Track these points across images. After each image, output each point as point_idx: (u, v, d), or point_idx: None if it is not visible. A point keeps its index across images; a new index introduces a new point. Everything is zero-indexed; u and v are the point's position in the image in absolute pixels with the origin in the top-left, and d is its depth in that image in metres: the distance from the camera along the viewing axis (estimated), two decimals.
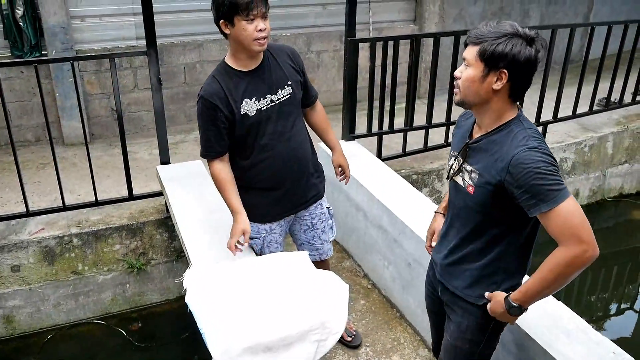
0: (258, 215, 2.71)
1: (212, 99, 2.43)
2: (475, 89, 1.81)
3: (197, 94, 2.50)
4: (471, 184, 1.91)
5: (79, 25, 5.11)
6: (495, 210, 1.88)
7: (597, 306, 4.82)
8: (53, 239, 3.74)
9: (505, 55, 1.74)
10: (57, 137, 5.15)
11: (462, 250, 2.03)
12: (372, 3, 6.07)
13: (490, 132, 1.88)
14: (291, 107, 2.58)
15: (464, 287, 2.05)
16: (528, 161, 1.73)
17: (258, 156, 2.57)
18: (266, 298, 2.24)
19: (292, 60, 2.60)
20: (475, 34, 1.79)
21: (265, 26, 2.34)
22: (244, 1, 2.28)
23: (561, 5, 7.29)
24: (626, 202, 6.00)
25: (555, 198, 1.71)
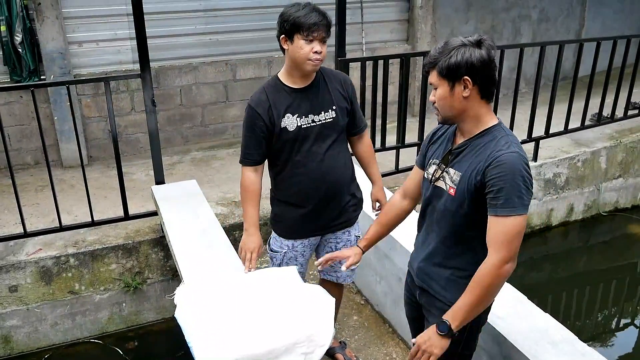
0: (283, 229, 2.79)
1: (257, 108, 2.56)
2: (449, 104, 1.94)
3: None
4: (453, 186, 2.00)
5: (76, 50, 5.23)
6: (473, 212, 1.96)
7: (596, 322, 4.81)
8: (50, 259, 3.79)
9: (459, 64, 1.87)
10: (55, 159, 5.24)
11: (441, 252, 2.12)
12: (365, 24, 6.19)
13: (474, 137, 1.98)
14: (331, 131, 2.64)
15: (441, 289, 2.13)
16: (509, 164, 1.84)
17: (290, 171, 2.65)
18: (253, 312, 2.28)
19: (342, 87, 2.68)
20: (428, 60, 1.94)
21: (321, 49, 2.45)
22: (308, 23, 2.40)
23: (553, 23, 7.40)
24: (622, 216, 6.01)
25: (517, 208, 1.83)
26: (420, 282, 2.21)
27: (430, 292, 2.17)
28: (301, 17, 2.41)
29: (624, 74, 5.36)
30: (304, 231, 2.78)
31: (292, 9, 2.46)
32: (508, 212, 1.83)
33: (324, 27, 2.43)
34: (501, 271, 1.87)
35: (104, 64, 5.33)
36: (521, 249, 1.93)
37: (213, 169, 5.21)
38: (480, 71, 1.88)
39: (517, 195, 1.82)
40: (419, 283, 2.22)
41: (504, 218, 1.85)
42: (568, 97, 5.16)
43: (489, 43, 1.90)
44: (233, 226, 4.14)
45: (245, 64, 5.77)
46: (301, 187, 2.66)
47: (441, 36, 6.56)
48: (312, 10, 2.43)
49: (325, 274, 2.95)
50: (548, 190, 5.41)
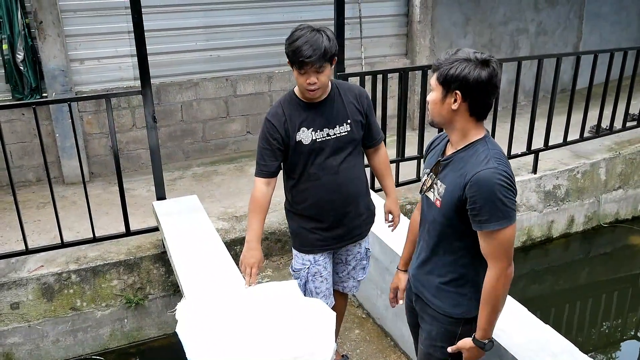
0: (301, 243, 2.81)
1: (273, 120, 2.61)
2: (438, 110, 1.98)
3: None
4: (439, 198, 2.04)
5: (78, 67, 5.28)
6: (459, 224, 2.00)
7: (599, 334, 4.80)
8: (52, 276, 3.80)
9: (455, 78, 1.89)
10: (57, 176, 5.26)
11: (431, 261, 2.16)
12: (364, 39, 6.24)
13: (459, 150, 2.01)
14: (346, 144, 2.67)
15: (432, 296, 2.17)
16: (484, 181, 1.87)
17: (305, 184, 2.68)
18: (254, 327, 2.29)
19: (357, 100, 2.70)
20: (435, 62, 1.97)
21: (316, 80, 2.47)
22: (297, 59, 2.42)
23: (550, 36, 7.45)
24: (622, 227, 6.01)
25: (504, 220, 1.87)
26: (415, 289, 2.27)
27: (423, 299, 2.22)
28: (293, 52, 2.43)
29: (621, 86, 5.39)
30: (322, 244, 2.79)
31: (292, 36, 2.46)
32: (496, 227, 1.88)
33: (317, 60, 2.41)
34: (507, 278, 1.95)
35: (105, 80, 5.38)
36: (522, 261, 1.98)
37: (214, 184, 5.23)
38: (473, 90, 1.89)
39: (499, 209, 1.86)
40: (414, 290, 2.28)
41: (492, 233, 1.90)
42: (566, 109, 5.19)
43: (494, 66, 1.90)
44: (234, 241, 4.15)
45: (246, 79, 5.81)
46: (316, 200, 2.69)
47: (440, 50, 6.61)
48: (305, 42, 2.40)
49: (334, 283, 2.98)
50: (548, 202, 5.42)
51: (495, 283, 1.94)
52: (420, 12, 6.36)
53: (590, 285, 5.49)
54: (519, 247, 5.33)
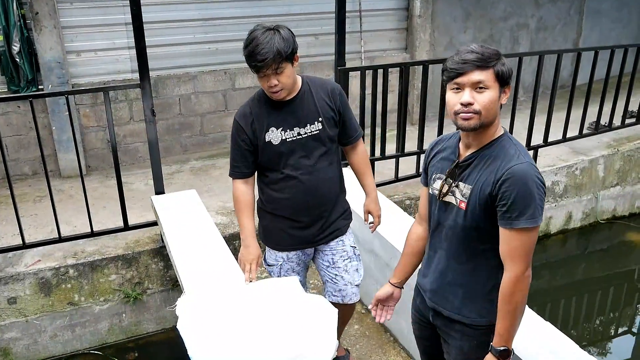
0: (274, 242, 2.77)
1: (240, 121, 2.56)
2: (495, 109, 1.87)
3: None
4: (463, 200, 1.94)
5: (74, 59, 5.22)
6: (486, 224, 1.92)
7: (595, 329, 4.81)
8: (49, 271, 3.76)
9: (510, 72, 1.87)
10: (54, 169, 5.22)
11: (455, 271, 2.05)
12: (364, 33, 6.21)
13: (482, 148, 1.93)
14: (319, 143, 2.61)
15: (458, 309, 2.06)
16: (521, 175, 1.81)
17: (280, 184, 2.63)
18: (255, 324, 2.27)
19: (329, 97, 2.62)
20: (481, 57, 1.82)
21: (276, 82, 2.39)
22: (252, 64, 2.37)
23: (551, 32, 7.43)
24: (620, 224, 6.02)
25: (535, 219, 1.80)
26: (432, 304, 2.14)
27: (445, 315, 2.10)
28: (247, 57, 2.37)
29: (621, 83, 5.38)
30: (295, 243, 2.75)
31: (246, 40, 2.38)
32: (527, 224, 1.80)
33: (272, 61, 2.32)
34: (525, 282, 1.87)
35: (102, 73, 5.33)
36: None
37: (212, 178, 5.20)
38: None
39: (531, 206, 1.79)
40: (431, 305, 2.15)
41: (520, 231, 1.81)
42: (566, 105, 5.18)
43: None
44: (233, 235, 4.13)
45: (244, 72, 5.77)
46: (292, 201, 2.64)
47: (439, 45, 6.59)
48: (257, 45, 2.32)
49: (330, 294, 2.89)
50: (547, 198, 5.41)
51: (514, 287, 1.86)
52: (421, 6, 6.33)
53: (587, 281, 5.51)
54: None
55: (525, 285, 1.88)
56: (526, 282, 1.87)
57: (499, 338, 1.95)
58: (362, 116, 4.30)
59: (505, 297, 1.89)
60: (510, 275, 1.87)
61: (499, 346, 1.95)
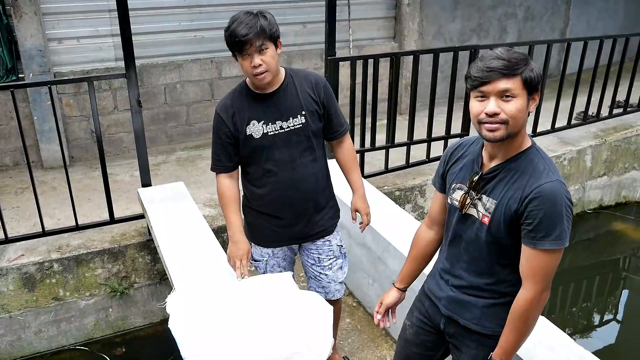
0: (259, 238, 2.70)
1: (221, 113, 2.47)
2: (523, 118, 1.75)
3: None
4: (487, 214, 1.86)
5: (56, 47, 5.09)
6: (509, 241, 1.84)
7: (579, 317, 4.85)
8: (33, 265, 3.67)
9: (538, 78, 1.74)
10: (35, 160, 5.10)
11: (476, 283, 1.97)
12: (352, 21, 6.13)
13: (508, 160, 1.83)
14: (302, 138, 2.52)
15: (478, 319, 1.99)
16: (552, 196, 1.71)
17: (261, 180, 2.55)
18: (250, 321, 2.21)
19: (313, 89, 2.52)
20: (507, 65, 1.70)
21: (259, 61, 2.30)
22: (234, 40, 2.27)
23: (538, 21, 7.42)
24: (606, 213, 6.07)
25: (561, 241, 1.72)
26: (448, 312, 2.05)
27: (460, 323, 2.02)
28: (230, 34, 2.27)
29: (609, 73, 5.39)
30: (279, 239, 2.69)
31: (228, 25, 2.31)
32: (552, 246, 1.72)
33: (256, 37, 2.25)
34: (542, 303, 1.80)
35: (85, 61, 5.20)
36: None
37: (199, 169, 5.11)
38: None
39: (561, 227, 1.71)
40: (447, 313, 2.06)
41: (544, 252, 1.74)
42: (553, 95, 5.18)
43: None
44: (221, 228, 4.06)
45: (231, 61, 5.66)
46: (274, 197, 2.57)
47: (428, 34, 6.55)
48: (240, 23, 2.25)
49: (313, 290, 2.83)
50: None
51: (529, 306, 1.79)
52: None
53: (573, 270, 5.54)
54: None
55: (541, 306, 1.81)
56: (542, 303, 1.80)
57: (501, 350, 1.89)
58: (352, 106, 4.24)
59: (518, 313, 1.82)
60: (527, 294, 1.79)
61: (498, 358, 1.89)
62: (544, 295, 1.78)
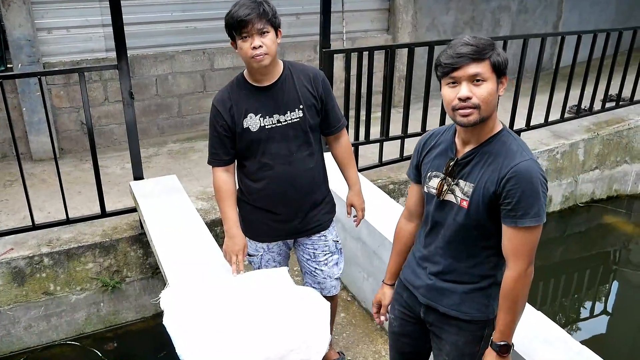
0: (254, 233, 2.67)
1: (218, 106, 2.45)
2: (493, 102, 1.80)
3: None
4: (465, 198, 1.89)
5: (45, 37, 4.99)
6: (488, 222, 1.88)
7: (570, 309, 4.88)
8: (23, 260, 3.61)
9: (506, 61, 1.80)
10: (24, 152, 5.02)
11: (455, 268, 2.00)
12: (346, 13, 6.08)
13: (482, 144, 1.88)
14: (299, 132, 2.49)
15: (457, 305, 2.02)
16: (528, 174, 1.77)
17: (257, 174, 2.53)
18: (245, 319, 2.18)
19: (311, 83, 2.50)
20: (476, 50, 1.76)
21: (260, 43, 2.28)
22: (235, 20, 2.24)
23: (531, 14, 7.41)
24: (597, 207, 6.09)
25: (540, 217, 1.78)
26: (427, 300, 2.08)
27: (440, 311, 2.05)
28: (231, 15, 2.26)
29: (602, 67, 5.38)
30: (275, 234, 2.67)
31: (229, 11, 2.30)
32: (532, 223, 1.77)
33: (258, 19, 2.24)
34: (527, 279, 1.85)
35: (74, 51, 5.11)
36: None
37: (191, 162, 5.06)
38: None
39: (538, 204, 1.76)
40: (425, 301, 2.09)
41: (525, 229, 1.78)
42: (546, 88, 5.17)
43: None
44: (214, 222, 4.02)
45: (224, 52, 5.61)
46: (270, 191, 2.54)
47: (422, 26, 6.51)
48: (242, 5, 2.25)
49: (309, 286, 2.81)
50: None
51: (515, 284, 1.84)
52: None
53: (565, 263, 5.57)
54: None
55: (527, 282, 1.86)
56: (528, 280, 1.85)
57: (499, 334, 1.93)
58: (346, 99, 4.20)
59: (507, 293, 1.86)
60: (512, 273, 1.84)
61: (499, 341, 1.93)
62: (528, 271, 1.84)
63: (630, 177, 6.22)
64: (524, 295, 1.88)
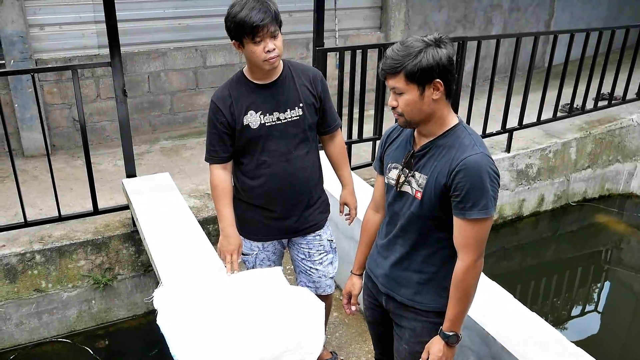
0: (249, 232, 2.67)
1: (218, 103, 2.45)
2: (418, 108, 1.87)
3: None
4: (419, 190, 1.96)
5: (37, 33, 4.97)
6: (441, 214, 1.94)
7: (561, 308, 4.91)
8: (14, 256, 3.60)
9: (432, 67, 1.80)
10: (16, 148, 4.98)
11: (411, 258, 2.07)
12: (338, 10, 6.07)
13: (437, 137, 1.94)
14: (298, 130, 2.51)
15: (412, 295, 2.09)
16: (475, 166, 1.82)
17: (255, 171, 2.53)
18: (240, 319, 2.18)
19: (310, 83, 2.53)
20: (391, 64, 1.83)
21: (274, 46, 2.29)
22: (249, 25, 2.23)
23: (523, 13, 7.43)
24: (589, 206, 6.12)
25: (488, 210, 1.83)
26: (385, 290, 2.16)
27: (398, 300, 2.12)
28: (243, 19, 2.24)
29: (595, 65, 5.40)
30: (270, 233, 2.68)
31: (234, 9, 2.28)
32: (480, 215, 1.83)
33: (271, 22, 2.26)
34: (476, 270, 1.91)
35: (67, 48, 5.09)
36: (493, 239, 1.93)
37: (184, 159, 5.05)
38: (448, 71, 1.83)
39: (486, 197, 1.82)
40: (384, 290, 2.17)
41: (473, 221, 1.84)
42: (540, 87, 5.19)
43: (448, 40, 1.85)
44: (207, 220, 4.02)
45: (216, 50, 5.60)
46: (267, 189, 2.55)
47: (414, 24, 6.51)
48: (252, 9, 2.24)
49: (304, 285, 2.83)
50: (520, 181, 5.44)
51: (465, 275, 1.90)
52: None
53: (557, 262, 5.61)
54: None
55: (477, 273, 1.92)
56: (477, 271, 1.91)
57: (449, 323, 1.99)
58: (339, 97, 4.20)
59: (457, 284, 1.93)
60: (462, 264, 1.90)
61: (448, 331, 2.00)
62: (478, 263, 1.90)
63: (623, 176, 6.26)
64: (473, 286, 1.94)
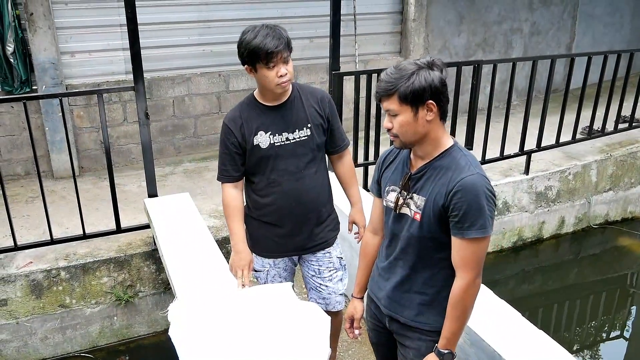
0: (260, 249, 2.76)
1: (229, 124, 2.55)
2: (412, 129, 1.91)
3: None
4: (418, 211, 1.98)
5: (68, 60, 5.20)
6: (440, 235, 1.97)
7: (587, 334, 4.83)
8: (41, 273, 3.75)
9: (424, 89, 1.85)
10: (46, 170, 5.20)
11: (412, 279, 2.08)
12: (358, 36, 6.21)
13: (433, 159, 1.97)
14: (307, 150, 2.60)
15: (415, 316, 2.10)
16: (473, 187, 1.86)
17: (265, 190, 2.62)
18: (248, 331, 2.26)
19: (318, 104, 2.62)
20: (385, 87, 1.88)
21: (286, 71, 2.41)
22: (263, 52, 2.34)
23: (544, 36, 7.46)
24: (612, 229, 6.04)
25: (486, 229, 1.86)
26: (388, 311, 2.18)
27: (401, 321, 2.14)
28: (258, 45, 2.34)
29: (614, 88, 5.40)
30: (280, 250, 2.75)
31: (247, 36, 2.38)
32: (478, 235, 1.86)
33: (283, 47, 2.37)
34: (474, 289, 1.94)
35: (96, 74, 5.32)
36: (513, 261, 1.95)
37: (205, 181, 5.19)
38: (441, 92, 1.88)
39: (484, 216, 1.85)
40: (387, 312, 2.19)
41: (471, 241, 1.87)
42: (558, 109, 5.20)
43: (440, 63, 1.90)
44: (226, 239, 4.12)
45: (239, 75, 5.77)
46: (277, 207, 2.63)
47: (434, 48, 6.60)
48: (266, 35, 2.35)
49: (314, 302, 2.87)
50: (539, 203, 5.43)
51: (464, 294, 1.92)
52: (415, 10, 6.34)
53: (579, 286, 5.52)
54: (509, 248, 5.36)
55: (474, 292, 1.95)
56: (475, 290, 1.94)
57: (445, 341, 2.01)
58: (355, 120, 4.30)
59: (456, 302, 1.95)
60: (460, 283, 1.93)
61: (443, 349, 2.01)
62: (476, 282, 1.93)
63: None
64: (471, 305, 1.96)
